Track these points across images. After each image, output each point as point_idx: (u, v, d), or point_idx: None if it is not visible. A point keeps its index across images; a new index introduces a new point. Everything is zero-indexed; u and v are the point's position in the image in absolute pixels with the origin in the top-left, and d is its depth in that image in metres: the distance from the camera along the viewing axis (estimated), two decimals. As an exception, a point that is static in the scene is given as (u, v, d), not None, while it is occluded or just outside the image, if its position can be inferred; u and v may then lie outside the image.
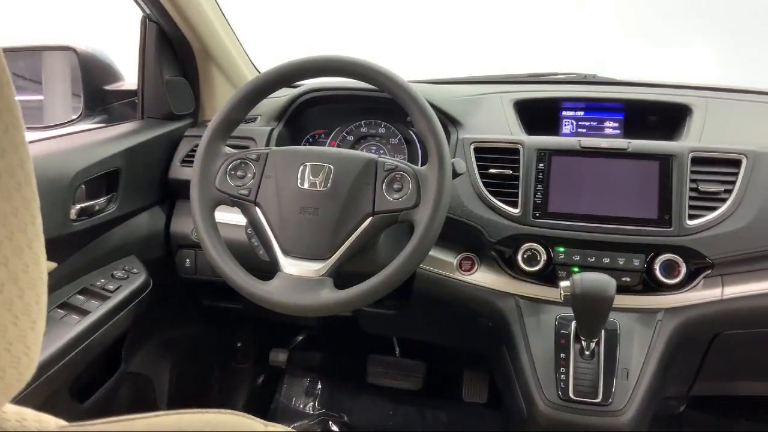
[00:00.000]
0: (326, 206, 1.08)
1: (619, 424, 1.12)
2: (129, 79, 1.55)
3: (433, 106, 1.09)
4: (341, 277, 1.08)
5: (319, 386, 2.11)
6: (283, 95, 1.50)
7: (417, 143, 1.50)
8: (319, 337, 2.15)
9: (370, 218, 1.07)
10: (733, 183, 1.20)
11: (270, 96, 1.19)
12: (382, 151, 1.52)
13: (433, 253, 1.30)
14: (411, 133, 1.51)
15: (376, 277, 1.04)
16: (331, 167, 1.09)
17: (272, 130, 1.47)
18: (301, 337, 2.14)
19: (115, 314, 1.23)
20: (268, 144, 1.44)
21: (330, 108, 1.56)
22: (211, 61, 1.57)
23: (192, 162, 1.18)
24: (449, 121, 1.40)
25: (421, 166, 1.09)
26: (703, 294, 1.20)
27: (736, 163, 1.21)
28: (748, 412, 1.85)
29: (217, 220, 1.13)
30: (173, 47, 1.54)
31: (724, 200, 1.19)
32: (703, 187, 1.20)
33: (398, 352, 2.05)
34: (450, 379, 2.02)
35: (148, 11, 1.45)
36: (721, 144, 1.25)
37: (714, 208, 1.18)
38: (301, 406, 2.08)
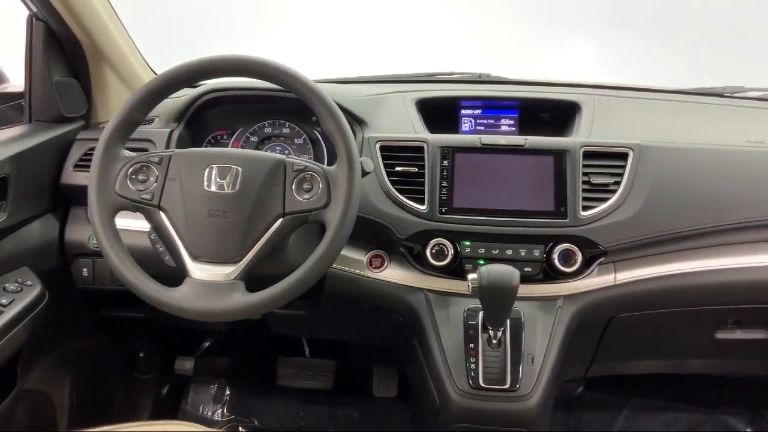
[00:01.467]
0: (235, 208, 1.06)
1: (526, 409, 1.18)
2: (15, 80, 1.46)
3: (338, 105, 1.10)
4: (253, 280, 1.06)
5: (228, 392, 2.07)
6: (182, 95, 1.46)
7: (323, 143, 1.50)
8: (227, 342, 2.11)
9: (281, 219, 1.06)
10: (622, 175, 1.28)
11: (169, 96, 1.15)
12: (287, 152, 1.51)
13: (344, 251, 1.30)
14: (316, 132, 1.51)
15: (289, 278, 1.03)
16: (239, 169, 1.07)
17: (172, 131, 1.42)
18: (207, 344, 2.10)
19: (9, 330, 1.16)
20: (168, 146, 1.39)
21: (232, 108, 1.53)
22: (103, 62, 1.50)
23: (87, 166, 1.13)
24: (354, 121, 1.41)
25: (328, 165, 1.09)
26: (597, 280, 1.28)
27: (624, 156, 1.30)
28: (639, 389, 1.99)
29: (118, 227, 1.08)
30: (62, 47, 1.46)
31: (613, 191, 1.27)
32: (594, 179, 1.28)
33: (308, 353, 2.04)
34: (360, 376, 2.03)
35: (34, 9, 1.36)
36: (609, 138, 1.33)
37: (605, 199, 1.26)
38: (209, 413, 2.03)
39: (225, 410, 2.03)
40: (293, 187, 1.07)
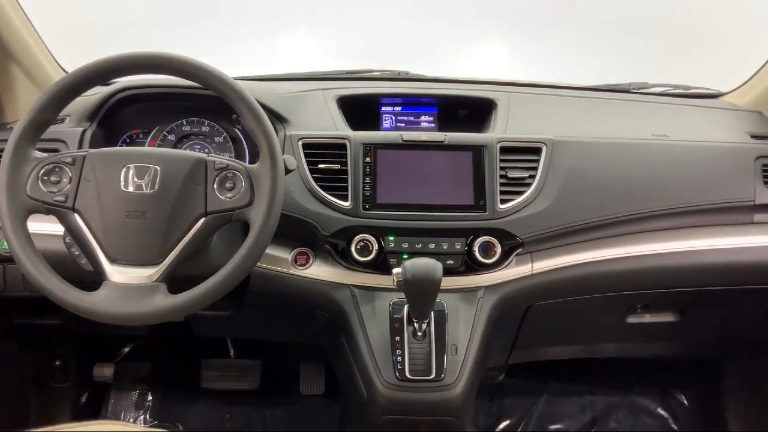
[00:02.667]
0: (154, 209, 1.04)
1: (451, 398, 1.21)
2: None
3: (259, 103, 1.09)
4: (175, 281, 1.05)
5: (150, 397, 2.02)
6: (94, 93, 1.41)
7: (244, 141, 1.48)
8: (148, 346, 2.05)
9: (203, 219, 1.05)
10: (536, 169, 1.33)
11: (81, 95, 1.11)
12: (207, 150, 1.48)
13: (268, 250, 1.29)
14: (237, 131, 1.49)
15: (213, 278, 1.02)
16: (158, 168, 1.05)
17: (84, 131, 1.37)
18: (127, 349, 2.03)
19: None
20: (80, 146, 1.34)
21: (148, 106, 1.48)
22: (10, 60, 1.43)
23: None
24: (276, 118, 1.40)
25: (250, 164, 1.08)
26: (516, 270, 1.33)
27: (537, 151, 1.35)
28: (557, 374, 2.08)
29: (30, 231, 1.04)
30: None
31: (529, 185, 1.32)
32: (511, 173, 1.32)
33: (233, 354, 2.02)
34: (287, 375, 2.03)
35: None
36: (523, 134, 1.38)
37: (521, 193, 1.31)
38: (131, 420, 1.98)
39: (147, 416, 1.98)
40: (215, 186, 1.06)
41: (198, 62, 1.06)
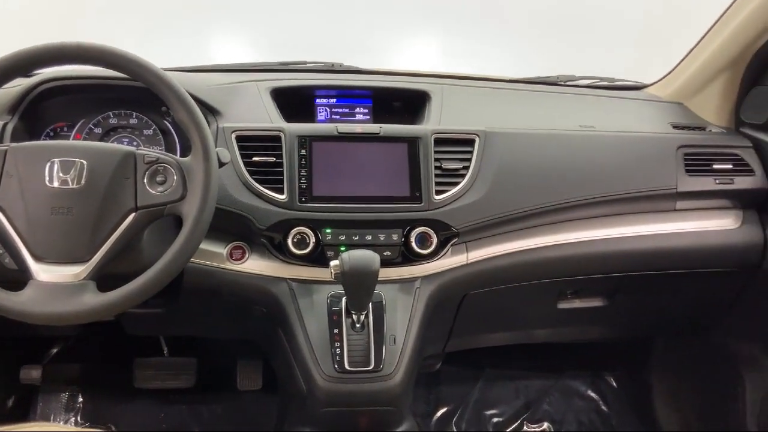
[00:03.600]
0: (81, 205, 1.00)
1: (390, 387, 1.22)
2: None
3: (190, 95, 1.07)
4: (105, 279, 1.02)
5: (81, 399, 1.95)
6: (15, 85, 1.34)
7: (175, 134, 1.45)
8: (77, 346, 1.99)
9: (133, 214, 1.02)
10: (470, 160, 1.35)
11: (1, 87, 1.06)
12: (136, 143, 1.43)
13: (202, 245, 1.27)
14: (167, 123, 1.45)
15: (144, 275, 1.00)
16: (84, 162, 1.01)
17: (5, 124, 1.30)
18: (56, 350, 1.96)
19: None
20: (1, 140, 1.28)
21: (72, 99, 1.42)
22: None
23: None
24: (208, 111, 1.37)
25: (182, 157, 1.06)
26: (452, 260, 1.35)
27: (471, 142, 1.37)
28: (492, 360, 2.13)
29: None
30: None
31: (463, 176, 1.34)
32: (445, 164, 1.34)
33: (167, 352, 1.97)
34: (224, 371, 2.00)
35: None
36: (457, 126, 1.40)
37: (456, 183, 1.33)
38: (61, 422, 1.91)
39: (78, 418, 1.92)
40: (145, 180, 1.03)
41: (124, 52, 1.03)
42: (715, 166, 1.49)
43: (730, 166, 1.49)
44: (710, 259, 1.51)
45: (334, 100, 1.56)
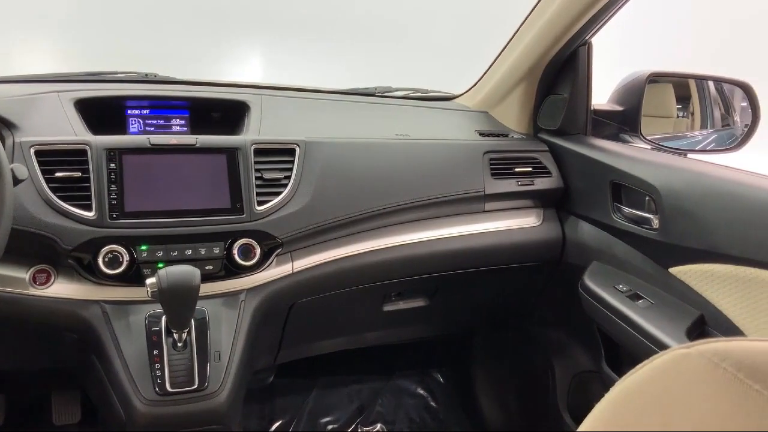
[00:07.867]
0: None
1: (216, 405, 1.19)
2: None
3: None
4: None
5: None
6: None
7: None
8: None
9: None
10: (291, 170, 1.36)
11: None
12: None
13: (0, 270, 1.16)
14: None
15: None
16: None
17: None
18: None
19: None
20: None
21: None
22: None
23: None
24: (2, 124, 1.25)
25: None
26: (277, 271, 1.35)
27: (291, 152, 1.38)
28: (325, 368, 2.15)
29: None
30: None
31: (285, 185, 1.34)
32: (266, 175, 1.33)
33: (-34, 391, 1.76)
34: (36, 406, 1.83)
35: None
36: (277, 136, 1.40)
37: (278, 193, 1.33)
38: None
39: None
40: None
41: None
42: (517, 170, 1.61)
43: (530, 169, 1.63)
44: (516, 254, 1.63)
45: (147, 111, 1.49)
